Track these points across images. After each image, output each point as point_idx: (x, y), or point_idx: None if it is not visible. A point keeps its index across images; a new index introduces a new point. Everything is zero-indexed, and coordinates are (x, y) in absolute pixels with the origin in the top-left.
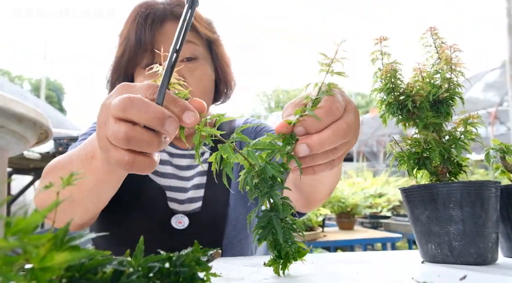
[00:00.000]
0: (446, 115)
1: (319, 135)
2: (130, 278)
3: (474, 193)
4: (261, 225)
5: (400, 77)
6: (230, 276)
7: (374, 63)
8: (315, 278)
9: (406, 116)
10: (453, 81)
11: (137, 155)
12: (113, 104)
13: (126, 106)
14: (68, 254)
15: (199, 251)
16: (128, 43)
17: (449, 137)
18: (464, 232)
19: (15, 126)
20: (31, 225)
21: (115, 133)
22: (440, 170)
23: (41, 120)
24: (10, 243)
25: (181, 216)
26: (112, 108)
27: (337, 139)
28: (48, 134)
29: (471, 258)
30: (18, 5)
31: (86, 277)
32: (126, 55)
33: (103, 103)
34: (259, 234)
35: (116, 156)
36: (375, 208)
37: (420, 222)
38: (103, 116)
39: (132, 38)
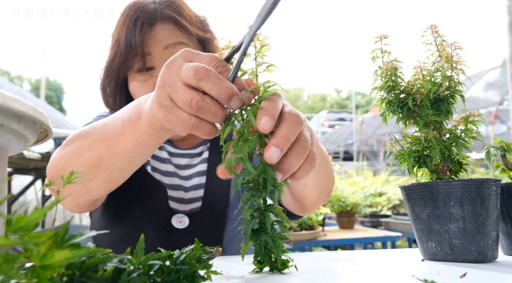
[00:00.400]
0: (446, 113)
1: (278, 130)
2: (131, 276)
3: (475, 191)
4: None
5: (401, 75)
6: (231, 274)
7: (374, 61)
8: (315, 276)
9: (406, 114)
10: (454, 79)
11: (202, 120)
12: (185, 71)
13: (202, 77)
14: (69, 252)
15: (199, 249)
16: (118, 47)
17: (450, 135)
18: (464, 230)
19: (15, 125)
20: (32, 223)
21: (187, 100)
22: (440, 168)
23: (40, 118)
24: (10, 240)
25: (181, 216)
26: (185, 74)
27: (294, 125)
28: (48, 132)
29: (471, 256)
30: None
31: (87, 275)
32: (117, 59)
33: (168, 63)
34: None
35: (183, 117)
36: (375, 207)
37: (420, 220)
38: (168, 76)
39: (122, 42)
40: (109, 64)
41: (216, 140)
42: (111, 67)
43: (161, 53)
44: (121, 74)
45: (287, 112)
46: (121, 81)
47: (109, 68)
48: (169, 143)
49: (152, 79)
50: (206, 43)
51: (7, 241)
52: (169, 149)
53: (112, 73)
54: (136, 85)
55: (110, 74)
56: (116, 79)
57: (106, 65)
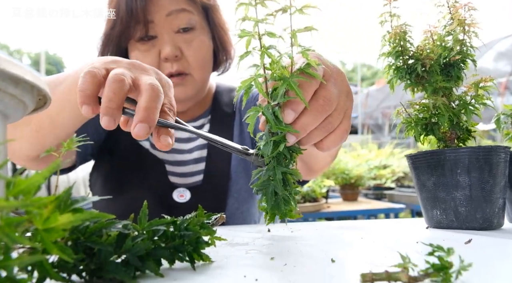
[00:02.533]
0: (456, 79)
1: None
2: (135, 241)
3: (483, 159)
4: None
5: (410, 39)
6: (235, 242)
7: (382, 26)
8: (319, 243)
9: (415, 80)
10: (466, 43)
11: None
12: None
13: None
14: (72, 215)
15: (203, 215)
16: (118, 14)
17: (459, 101)
18: (470, 197)
19: (12, 89)
20: (33, 185)
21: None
22: (448, 136)
23: (38, 83)
24: (11, 203)
25: (182, 190)
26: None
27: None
28: (47, 99)
29: (476, 223)
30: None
31: (91, 240)
32: (117, 27)
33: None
34: (258, 186)
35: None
36: (379, 180)
37: (426, 188)
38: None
39: (122, 9)
40: (108, 32)
41: (216, 113)
42: (111, 36)
43: (163, 20)
44: (122, 44)
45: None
46: (122, 51)
47: (108, 37)
48: None
49: (154, 48)
50: (210, 10)
51: (7, 203)
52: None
53: (111, 43)
54: (137, 55)
55: (109, 43)
56: (117, 49)
57: (105, 34)
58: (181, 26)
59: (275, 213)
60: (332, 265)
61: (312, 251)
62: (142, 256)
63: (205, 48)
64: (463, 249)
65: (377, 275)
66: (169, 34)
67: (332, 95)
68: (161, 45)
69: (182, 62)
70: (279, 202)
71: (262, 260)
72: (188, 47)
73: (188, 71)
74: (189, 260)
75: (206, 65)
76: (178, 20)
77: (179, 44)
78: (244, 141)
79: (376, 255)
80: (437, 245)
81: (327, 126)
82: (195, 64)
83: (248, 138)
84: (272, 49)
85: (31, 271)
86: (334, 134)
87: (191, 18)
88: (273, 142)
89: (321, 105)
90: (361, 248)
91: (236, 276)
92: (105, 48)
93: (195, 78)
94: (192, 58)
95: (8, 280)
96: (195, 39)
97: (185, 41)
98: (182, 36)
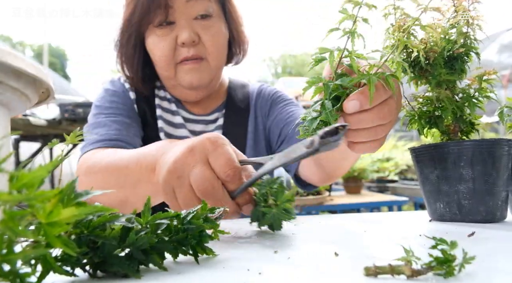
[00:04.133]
0: (460, 72)
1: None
2: (138, 234)
3: (486, 151)
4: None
5: (414, 32)
6: (238, 235)
7: (386, 19)
8: (323, 236)
9: (418, 73)
10: (470, 36)
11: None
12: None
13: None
14: (75, 209)
15: (206, 208)
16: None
17: (463, 94)
18: (474, 190)
19: (14, 82)
20: (36, 179)
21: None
22: (452, 129)
23: (40, 76)
24: (14, 196)
25: None
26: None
27: (374, 120)
28: (50, 92)
29: (479, 216)
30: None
31: (95, 234)
32: (137, 12)
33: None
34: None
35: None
36: (383, 172)
37: (429, 181)
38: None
39: None
40: (129, 17)
41: (231, 107)
42: (131, 21)
43: (182, 6)
44: (141, 29)
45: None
46: (141, 36)
47: (129, 22)
48: (183, 108)
49: (172, 33)
50: (226, 1)
51: (11, 197)
52: (183, 114)
53: (131, 28)
54: (154, 39)
55: (129, 28)
56: (136, 34)
57: (125, 20)
58: (199, 12)
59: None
60: (335, 259)
61: (315, 244)
62: (145, 250)
63: (222, 36)
64: (466, 242)
65: (380, 269)
66: (187, 20)
67: (394, 110)
68: (178, 30)
69: (199, 47)
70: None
71: (265, 253)
72: (206, 33)
73: (204, 55)
74: (193, 253)
75: (221, 52)
76: (197, 6)
77: (197, 30)
78: (258, 138)
79: (379, 248)
80: (440, 238)
81: (375, 132)
82: (211, 49)
83: (262, 135)
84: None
85: (35, 265)
86: (374, 143)
87: (209, 6)
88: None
89: (384, 112)
90: (365, 241)
91: (239, 270)
92: (125, 34)
93: (210, 64)
94: (209, 43)
95: (12, 274)
96: (213, 26)
97: (203, 27)
98: (200, 23)
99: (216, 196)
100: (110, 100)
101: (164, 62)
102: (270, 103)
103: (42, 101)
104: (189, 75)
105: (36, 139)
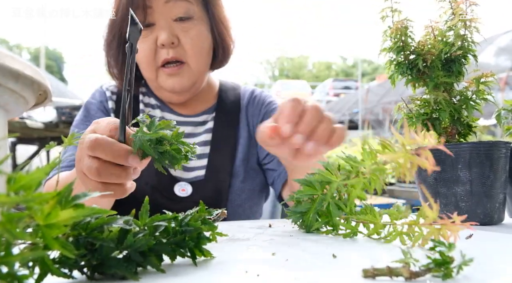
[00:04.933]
0: (458, 74)
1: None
2: (136, 236)
3: (484, 154)
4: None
5: (411, 35)
6: (236, 237)
7: (383, 21)
8: (321, 238)
9: (416, 76)
10: (467, 38)
11: (109, 185)
12: (85, 144)
13: (95, 147)
14: (73, 211)
15: (204, 211)
16: (121, 0)
17: (460, 97)
18: (471, 192)
19: (12, 84)
20: (34, 181)
21: (89, 169)
22: (449, 131)
23: (38, 78)
24: (12, 198)
25: (184, 184)
26: (85, 147)
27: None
28: (47, 94)
29: (477, 219)
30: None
31: (93, 236)
32: (119, 13)
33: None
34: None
35: (92, 184)
36: None
37: (427, 183)
38: (79, 153)
39: None
40: (112, 17)
41: (221, 109)
42: (115, 22)
43: (161, 7)
44: (124, 29)
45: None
46: (124, 37)
47: (112, 23)
48: (170, 111)
49: (152, 35)
50: (210, 3)
51: (8, 199)
52: (170, 117)
53: (115, 28)
54: None
55: (113, 29)
56: (120, 35)
57: (110, 20)
58: (179, 14)
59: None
60: (333, 261)
61: (313, 246)
62: (143, 252)
63: (203, 38)
64: (464, 244)
65: (378, 271)
66: (166, 21)
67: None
68: (158, 31)
69: (179, 49)
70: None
71: (264, 255)
72: (185, 35)
73: (184, 59)
74: (191, 255)
75: (203, 54)
76: (176, 8)
77: (176, 32)
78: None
79: (377, 250)
80: (438, 240)
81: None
82: (191, 52)
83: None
84: None
85: (32, 267)
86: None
87: (189, 8)
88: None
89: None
90: (362, 243)
91: (237, 272)
92: (110, 34)
93: (191, 68)
94: (189, 46)
95: (10, 276)
96: (192, 28)
97: (182, 29)
98: (180, 25)
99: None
100: (83, 119)
101: (145, 64)
102: (264, 113)
103: (40, 103)
104: (171, 80)
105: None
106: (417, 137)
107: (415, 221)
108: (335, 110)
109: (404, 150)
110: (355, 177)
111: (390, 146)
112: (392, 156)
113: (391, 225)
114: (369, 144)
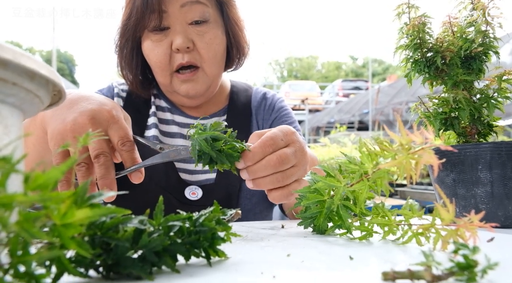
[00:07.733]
0: (478, 72)
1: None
2: (151, 236)
3: (506, 154)
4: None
5: (429, 31)
6: (249, 238)
7: (400, 18)
8: (336, 239)
9: (434, 74)
10: (489, 34)
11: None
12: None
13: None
14: (89, 210)
15: (219, 211)
16: (134, 4)
17: (481, 95)
18: (492, 194)
19: (28, 84)
20: (51, 180)
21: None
22: (468, 131)
23: (53, 78)
24: (29, 197)
25: (194, 188)
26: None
27: (267, 168)
28: (62, 95)
29: (498, 221)
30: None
31: (108, 235)
32: (133, 17)
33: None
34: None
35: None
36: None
37: (445, 184)
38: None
39: None
40: (125, 22)
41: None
42: (128, 26)
43: (177, 11)
44: (137, 33)
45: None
46: (137, 41)
47: (125, 27)
48: (181, 113)
49: (166, 39)
50: (225, 5)
51: (26, 198)
52: (179, 119)
53: (128, 32)
54: (149, 45)
55: (126, 33)
56: (133, 38)
57: (122, 24)
58: (194, 18)
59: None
60: (351, 263)
61: (328, 247)
62: (158, 252)
63: (218, 42)
64: (485, 247)
65: (399, 273)
66: (182, 25)
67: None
68: (173, 36)
69: (194, 54)
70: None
71: (278, 256)
72: (201, 39)
73: (199, 64)
74: (205, 256)
75: (218, 59)
76: (192, 12)
77: (191, 36)
78: None
79: (396, 252)
80: (462, 243)
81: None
82: (206, 57)
83: None
84: None
85: (49, 266)
86: (283, 190)
87: (205, 11)
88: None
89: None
90: (378, 244)
91: (253, 273)
92: (123, 38)
93: (206, 73)
94: (204, 51)
95: (27, 275)
96: (208, 32)
97: (197, 33)
98: (195, 28)
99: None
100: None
101: (159, 68)
102: (274, 118)
103: (54, 103)
104: (185, 85)
105: None
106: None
107: (431, 224)
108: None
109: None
110: (359, 180)
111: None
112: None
113: (406, 225)
114: (367, 147)
